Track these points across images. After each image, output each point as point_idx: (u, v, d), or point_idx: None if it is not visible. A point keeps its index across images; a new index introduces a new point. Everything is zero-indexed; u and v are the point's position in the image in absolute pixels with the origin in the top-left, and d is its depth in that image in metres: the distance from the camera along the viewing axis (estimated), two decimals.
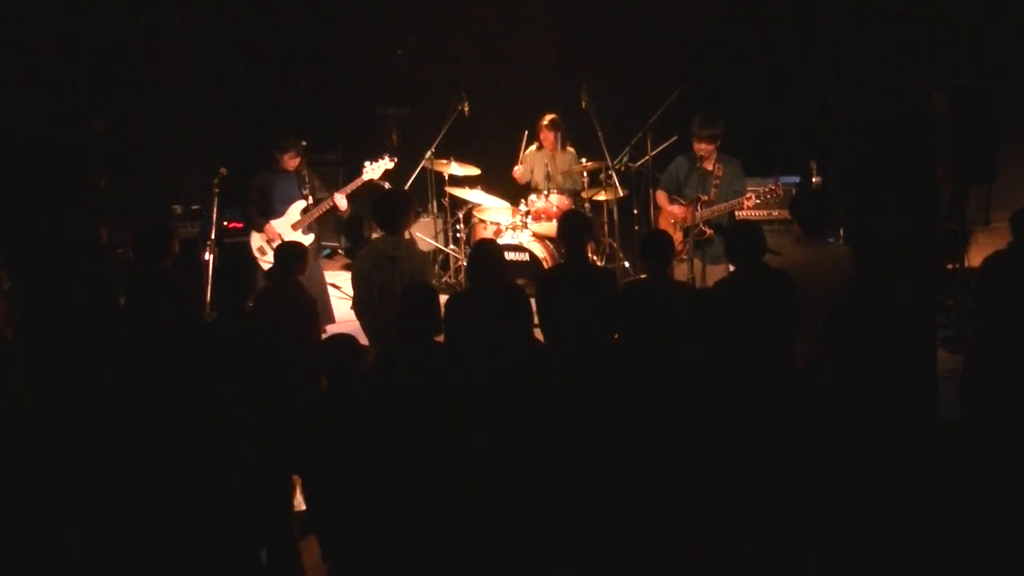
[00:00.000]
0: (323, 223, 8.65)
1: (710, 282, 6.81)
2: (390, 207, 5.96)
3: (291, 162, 7.47)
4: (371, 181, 7.56)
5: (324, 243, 10.37)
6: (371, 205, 6.20)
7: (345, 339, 4.40)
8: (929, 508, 3.84)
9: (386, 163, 7.50)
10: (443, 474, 4.13)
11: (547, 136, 8.69)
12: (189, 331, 5.34)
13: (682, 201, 7.25)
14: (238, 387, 4.24)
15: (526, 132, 8.93)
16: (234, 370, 4.61)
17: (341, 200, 7.42)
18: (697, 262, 7.13)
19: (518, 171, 8.89)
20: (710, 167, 7.22)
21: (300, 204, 7.42)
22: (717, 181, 7.18)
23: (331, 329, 6.94)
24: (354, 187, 7.56)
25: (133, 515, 4.00)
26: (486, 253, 5.55)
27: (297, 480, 4.70)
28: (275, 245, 7.14)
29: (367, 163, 7.53)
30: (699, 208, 7.11)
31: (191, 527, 3.98)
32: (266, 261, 7.35)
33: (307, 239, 7.30)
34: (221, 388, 4.17)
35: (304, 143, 7.62)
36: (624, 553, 4.00)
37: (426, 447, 4.17)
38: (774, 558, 3.98)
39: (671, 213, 7.24)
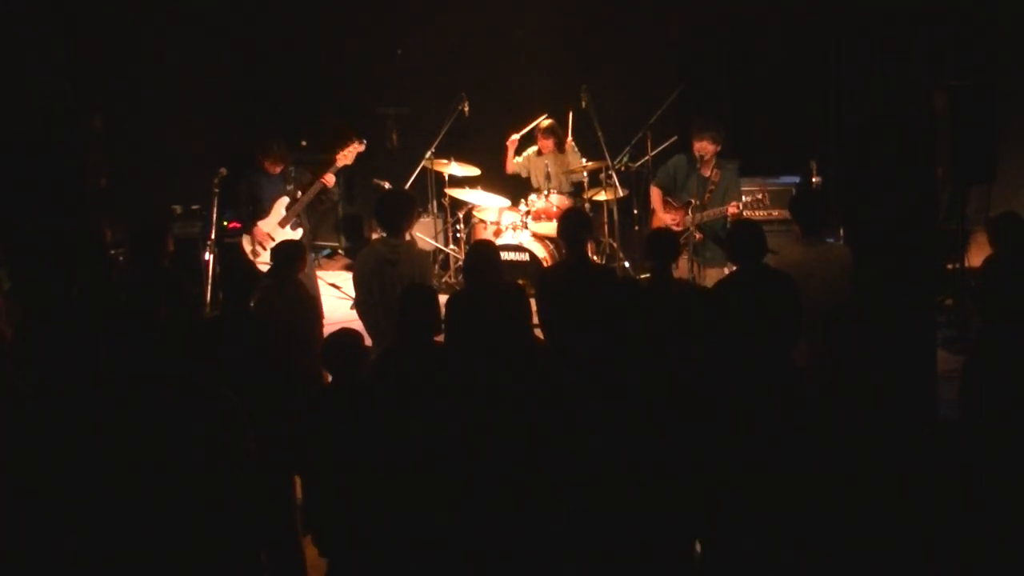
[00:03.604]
0: (323, 223, 8.64)
1: (707, 285, 6.82)
2: (393, 208, 5.95)
3: (272, 168, 7.44)
4: (373, 183, 7.54)
5: (324, 243, 10.38)
6: (374, 205, 6.19)
7: (349, 334, 4.40)
8: (929, 508, 3.84)
9: (356, 147, 7.49)
10: (443, 473, 4.13)
11: (545, 143, 8.69)
12: (188, 330, 5.33)
13: (675, 204, 7.26)
14: (238, 386, 4.25)
15: (510, 136, 8.94)
16: (233, 369, 4.61)
17: (330, 177, 7.38)
18: (691, 264, 7.15)
19: (513, 163, 8.90)
20: (708, 173, 7.22)
21: (284, 201, 7.42)
22: (712, 187, 7.19)
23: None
24: (331, 172, 7.55)
25: (133, 515, 4.00)
26: (482, 255, 5.55)
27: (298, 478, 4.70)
28: (268, 246, 7.15)
29: (339, 152, 7.54)
30: (690, 212, 7.13)
31: (191, 527, 3.98)
32: (260, 263, 7.33)
33: (296, 235, 7.30)
34: (220, 387, 4.17)
35: (278, 143, 7.53)
36: (623, 551, 4.00)
37: (426, 446, 4.17)
38: (773, 557, 3.98)
39: (662, 220, 7.26)
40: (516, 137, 8.83)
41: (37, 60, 9.04)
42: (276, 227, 7.35)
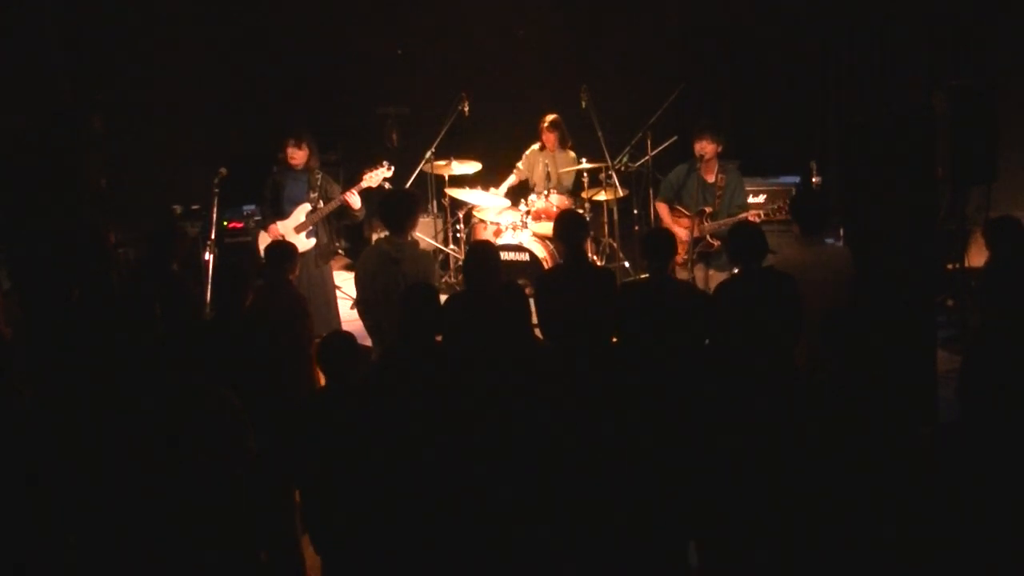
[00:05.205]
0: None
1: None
2: (397, 207, 5.95)
3: (292, 153, 7.34)
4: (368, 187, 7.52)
5: None
6: (378, 205, 6.20)
7: (343, 337, 4.41)
8: (929, 508, 3.84)
9: (384, 171, 7.46)
10: (442, 473, 4.13)
11: (549, 137, 8.70)
12: (186, 331, 5.34)
13: (685, 212, 7.21)
14: (235, 386, 4.25)
15: (517, 167, 8.98)
16: (231, 369, 4.61)
17: (355, 199, 7.28)
18: (699, 270, 7.11)
19: (519, 169, 8.93)
20: (711, 177, 7.19)
21: (305, 207, 7.34)
22: (720, 192, 7.16)
23: None
24: (355, 191, 7.51)
25: (132, 515, 4.00)
26: (482, 254, 5.55)
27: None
28: None
29: (367, 172, 7.49)
30: (705, 220, 7.09)
31: (190, 527, 3.98)
32: None
33: (308, 243, 7.24)
34: (220, 387, 4.17)
35: (303, 132, 7.44)
36: (623, 550, 4.00)
37: (425, 447, 4.17)
38: (773, 557, 3.98)
39: (676, 231, 7.20)
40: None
41: (37, 60, 9.03)
42: (292, 231, 7.28)
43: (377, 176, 7.42)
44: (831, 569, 3.89)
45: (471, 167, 8.97)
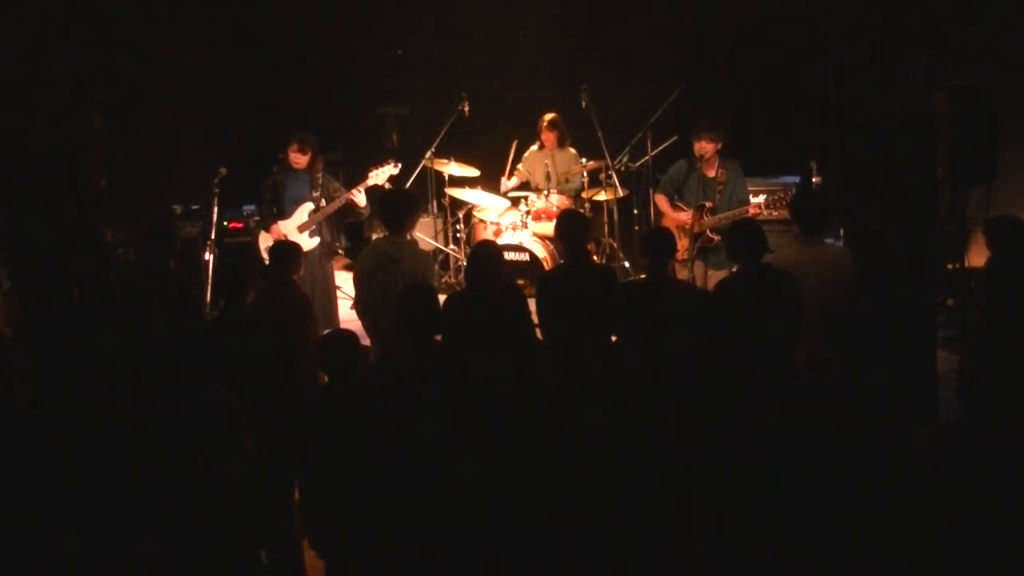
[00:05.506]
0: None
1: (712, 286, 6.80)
2: (396, 206, 5.95)
3: (295, 158, 7.32)
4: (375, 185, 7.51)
5: None
6: (377, 204, 6.20)
7: (345, 336, 4.41)
8: (929, 508, 3.84)
9: (391, 168, 7.45)
10: (442, 473, 4.13)
11: (548, 136, 8.70)
12: (186, 331, 5.34)
13: (684, 207, 7.21)
14: (236, 386, 4.25)
15: (515, 141, 8.93)
16: (231, 369, 4.61)
17: (360, 197, 7.26)
18: (699, 267, 7.11)
19: (506, 184, 8.90)
20: (711, 173, 7.18)
21: (308, 206, 7.32)
22: (720, 187, 7.15)
23: None
24: (360, 188, 7.51)
25: (132, 515, 4.00)
26: (485, 255, 5.55)
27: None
28: None
29: (373, 169, 7.48)
30: (705, 215, 7.09)
31: (190, 527, 3.98)
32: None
33: (312, 242, 7.24)
34: (219, 387, 4.17)
35: (306, 135, 7.42)
36: (624, 548, 4.00)
37: (426, 446, 4.17)
38: (773, 556, 3.99)
39: (676, 219, 7.20)
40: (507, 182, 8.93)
41: (37, 60, 9.04)
42: (295, 230, 7.26)
43: (383, 174, 7.42)
44: (831, 568, 3.89)
45: (470, 172, 8.95)
